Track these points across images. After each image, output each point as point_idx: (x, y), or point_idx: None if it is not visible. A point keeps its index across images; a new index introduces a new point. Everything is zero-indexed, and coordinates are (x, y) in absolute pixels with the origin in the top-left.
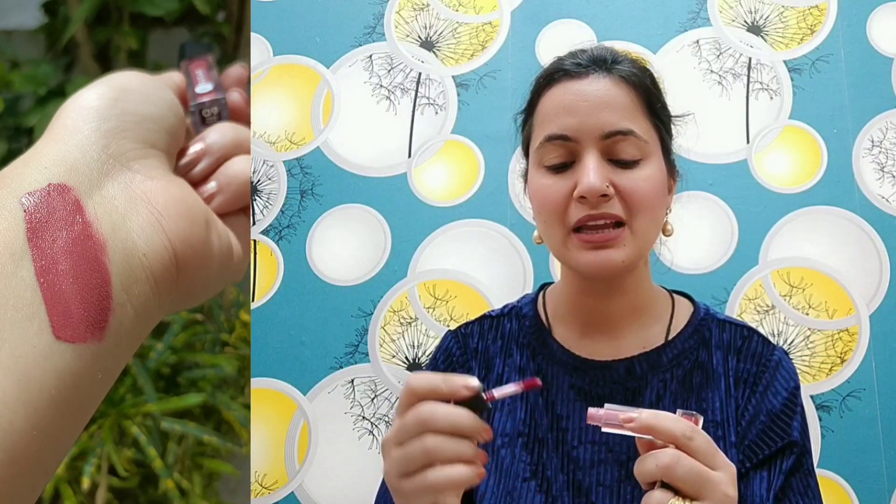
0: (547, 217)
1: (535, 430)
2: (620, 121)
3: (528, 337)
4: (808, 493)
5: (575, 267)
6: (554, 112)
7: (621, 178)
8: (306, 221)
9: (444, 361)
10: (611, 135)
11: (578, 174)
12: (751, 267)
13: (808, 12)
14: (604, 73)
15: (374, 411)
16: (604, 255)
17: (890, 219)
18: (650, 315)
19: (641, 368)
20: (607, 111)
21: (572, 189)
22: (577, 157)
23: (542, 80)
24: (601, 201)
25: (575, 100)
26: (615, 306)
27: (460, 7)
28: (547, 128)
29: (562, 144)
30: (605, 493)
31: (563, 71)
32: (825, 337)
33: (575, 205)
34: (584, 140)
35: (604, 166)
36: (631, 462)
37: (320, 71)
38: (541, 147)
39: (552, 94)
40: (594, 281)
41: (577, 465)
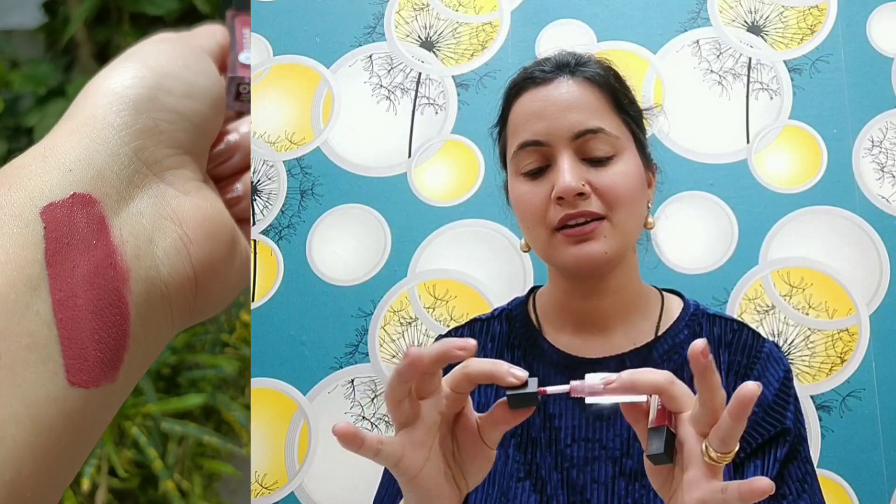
0: (529, 222)
1: (527, 430)
2: (589, 120)
3: (519, 338)
4: (805, 479)
5: (561, 264)
6: (524, 119)
7: (596, 176)
8: (306, 221)
9: None
10: (581, 134)
11: (554, 177)
12: (751, 267)
13: (808, 12)
14: (568, 76)
15: (374, 411)
16: (586, 249)
17: (890, 219)
18: (639, 312)
19: (633, 364)
20: (575, 112)
21: (549, 192)
22: (552, 160)
23: (511, 90)
24: (578, 200)
25: (543, 105)
26: (603, 305)
27: (460, 7)
28: (519, 136)
29: (535, 150)
30: (599, 490)
31: (530, 79)
32: (825, 337)
33: (554, 206)
34: (556, 143)
35: (578, 166)
36: (625, 459)
37: (320, 71)
38: (515, 155)
39: (521, 103)
40: (580, 279)
41: (572, 463)
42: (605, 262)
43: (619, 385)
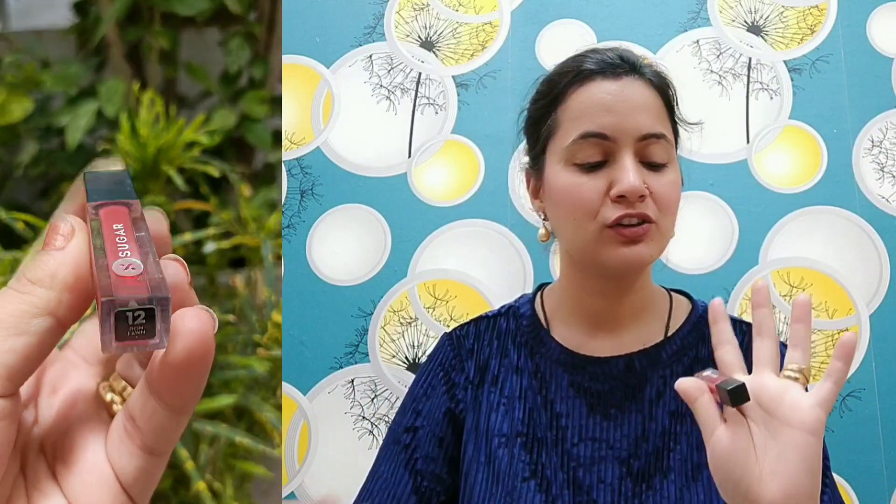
0: (580, 214)
1: (533, 430)
2: (655, 124)
3: (526, 336)
4: (826, 473)
5: (606, 261)
6: (591, 109)
7: (653, 181)
8: (306, 221)
9: (438, 364)
10: (646, 137)
11: (615, 174)
12: (751, 267)
13: (808, 12)
14: (637, 76)
15: (374, 411)
16: (635, 251)
17: (890, 219)
18: (650, 313)
19: (641, 364)
20: (643, 113)
21: (606, 188)
22: (612, 156)
23: (575, 74)
24: (638, 201)
25: (613, 100)
26: (619, 305)
27: (460, 7)
28: (583, 125)
29: (598, 143)
30: (605, 490)
31: (598, 71)
32: (825, 337)
33: (611, 204)
34: (622, 140)
35: (639, 167)
36: (632, 459)
37: (320, 71)
38: (574, 144)
39: (588, 91)
40: (613, 279)
41: (578, 462)
42: (647, 265)
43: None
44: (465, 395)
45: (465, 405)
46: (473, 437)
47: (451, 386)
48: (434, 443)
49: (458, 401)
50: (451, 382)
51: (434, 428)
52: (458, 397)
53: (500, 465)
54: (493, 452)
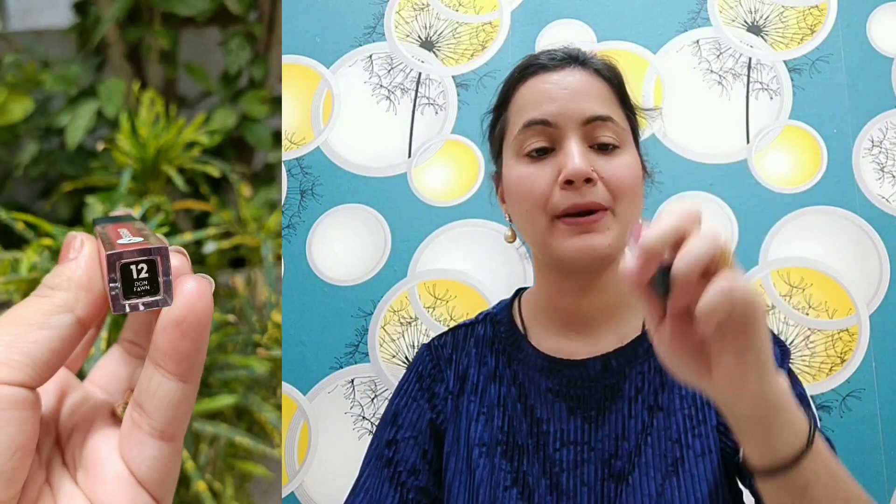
0: (530, 206)
1: (513, 438)
2: (599, 107)
3: (504, 343)
4: None
5: (560, 254)
6: (532, 100)
7: (603, 164)
8: (306, 221)
9: (417, 375)
10: (591, 120)
11: (562, 159)
12: (751, 267)
13: (808, 12)
14: (578, 66)
15: (374, 411)
16: (590, 240)
17: (890, 219)
18: (627, 311)
19: (618, 363)
20: (585, 99)
21: (555, 176)
22: (558, 143)
23: (517, 74)
24: (586, 186)
25: (554, 88)
26: (593, 303)
27: (460, 7)
28: (526, 115)
29: (542, 129)
30: (588, 493)
31: (538, 65)
32: (825, 337)
33: (560, 192)
34: (565, 125)
35: (587, 151)
36: (613, 460)
37: (320, 71)
38: (520, 134)
39: (529, 86)
40: (575, 274)
41: (561, 468)
42: (607, 256)
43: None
44: (446, 406)
45: (446, 416)
46: (455, 449)
47: (431, 396)
48: (418, 454)
49: (438, 411)
50: (432, 393)
51: (417, 439)
52: (438, 408)
53: (482, 474)
54: (475, 462)
